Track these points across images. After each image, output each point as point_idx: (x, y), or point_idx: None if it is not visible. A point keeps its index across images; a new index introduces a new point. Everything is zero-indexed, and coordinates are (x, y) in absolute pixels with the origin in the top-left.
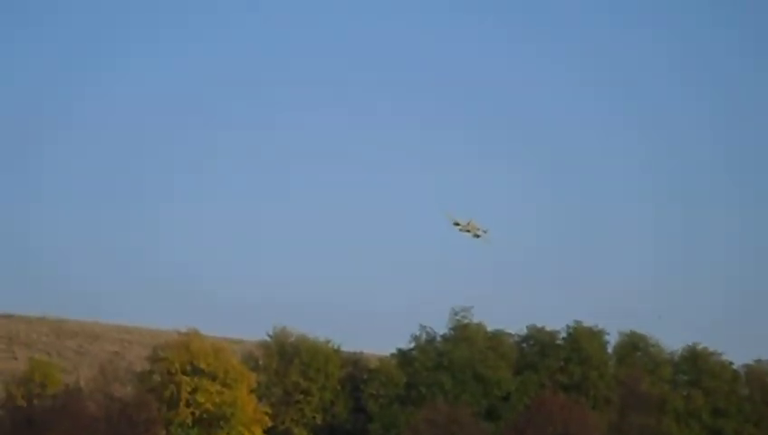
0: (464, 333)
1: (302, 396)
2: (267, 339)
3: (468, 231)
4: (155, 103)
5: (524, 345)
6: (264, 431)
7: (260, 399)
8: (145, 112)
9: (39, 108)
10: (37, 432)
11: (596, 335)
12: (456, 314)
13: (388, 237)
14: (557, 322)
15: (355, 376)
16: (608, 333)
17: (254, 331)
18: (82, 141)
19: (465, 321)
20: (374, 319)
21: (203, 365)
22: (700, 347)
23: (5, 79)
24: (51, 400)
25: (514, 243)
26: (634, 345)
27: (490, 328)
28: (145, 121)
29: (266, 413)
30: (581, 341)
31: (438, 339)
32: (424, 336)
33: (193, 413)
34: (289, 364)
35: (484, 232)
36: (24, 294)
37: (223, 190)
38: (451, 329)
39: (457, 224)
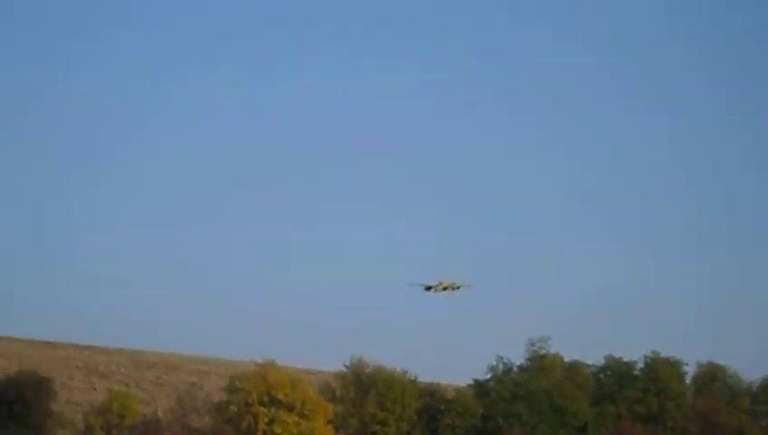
0: (541, 364)
1: (378, 427)
2: (344, 370)
3: (445, 289)
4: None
5: (602, 376)
6: None
7: (337, 430)
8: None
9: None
10: None
11: (674, 366)
12: (532, 344)
13: (466, 268)
14: (634, 352)
15: (432, 407)
16: (686, 364)
17: (331, 361)
18: (155, 172)
19: (542, 351)
20: (451, 349)
21: (280, 396)
22: None
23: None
24: (129, 430)
25: (591, 273)
26: (712, 376)
27: (567, 358)
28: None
29: None
30: (659, 371)
31: (515, 369)
32: (501, 367)
33: None
34: (366, 395)
35: (461, 284)
36: (102, 326)
37: (303, 219)
38: (528, 359)
39: (429, 288)
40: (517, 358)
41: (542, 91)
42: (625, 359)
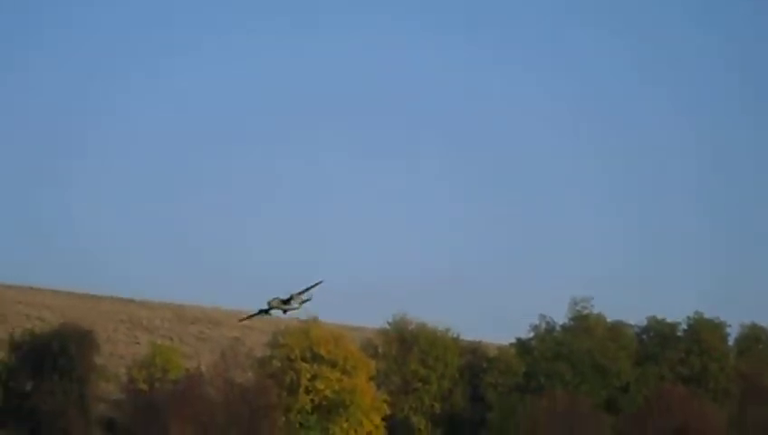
0: (584, 324)
1: (420, 384)
2: (387, 327)
3: (286, 302)
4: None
5: (644, 337)
6: (383, 419)
7: (379, 386)
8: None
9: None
10: (158, 416)
11: (717, 327)
12: (576, 304)
13: (509, 226)
14: (677, 313)
15: (474, 365)
16: (729, 325)
17: (373, 319)
18: (174, 124)
19: (585, 311)
20: (493, 308)
21: (322, 352)
22: None
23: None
24: (172, 384)
25: (634, 234)
26: (755, 337)
27: (610, 319)
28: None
29: (385, 401)
30: (702, 332)
31: (558, 329)
32: (543, 326)
33: (312, 400)
34: (408, 352)
35: (305, 299)
36: (146, 280)
37: (339, 176)
38: (571, 319)
39: (267, 311)
40: (560, 317)
41: (547, 54)
42: (668, 320)
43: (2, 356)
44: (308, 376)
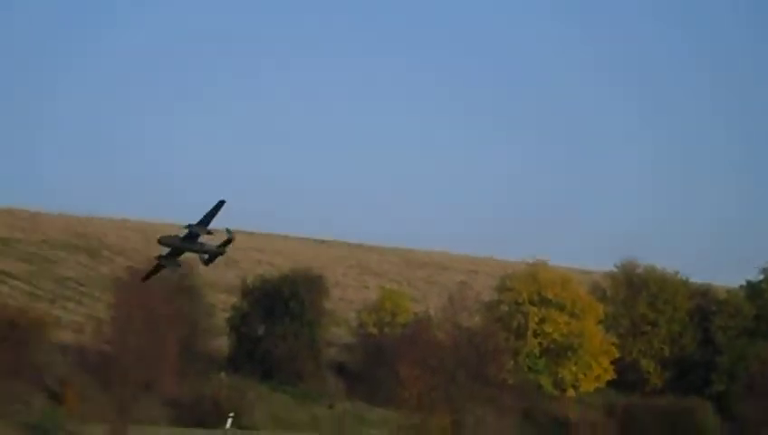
0: None
1: (649, 328)
2: (615, 270)
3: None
4: None
5: None
6: (612, 362)
7: (607, 330)
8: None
9: None
10: (387, 359)
11: None
12: None
13: (740, 169)
14: None
15: (703, 308)
16: None
17: (601, 262)
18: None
19: None
20: (723, 250)
21: (550, 295)
22: None
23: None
24: (400, 328)
25: None
26: None
27: None
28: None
29: (613, 344)
30: None
31: None
32: None
33: (540, 344)
34: (637, 296)
35: (226, 241)
36: (374, 225)
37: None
38: None
39: (170, 258)
40: None
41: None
42: None
43: (235, 301)
44: (536, 320)
